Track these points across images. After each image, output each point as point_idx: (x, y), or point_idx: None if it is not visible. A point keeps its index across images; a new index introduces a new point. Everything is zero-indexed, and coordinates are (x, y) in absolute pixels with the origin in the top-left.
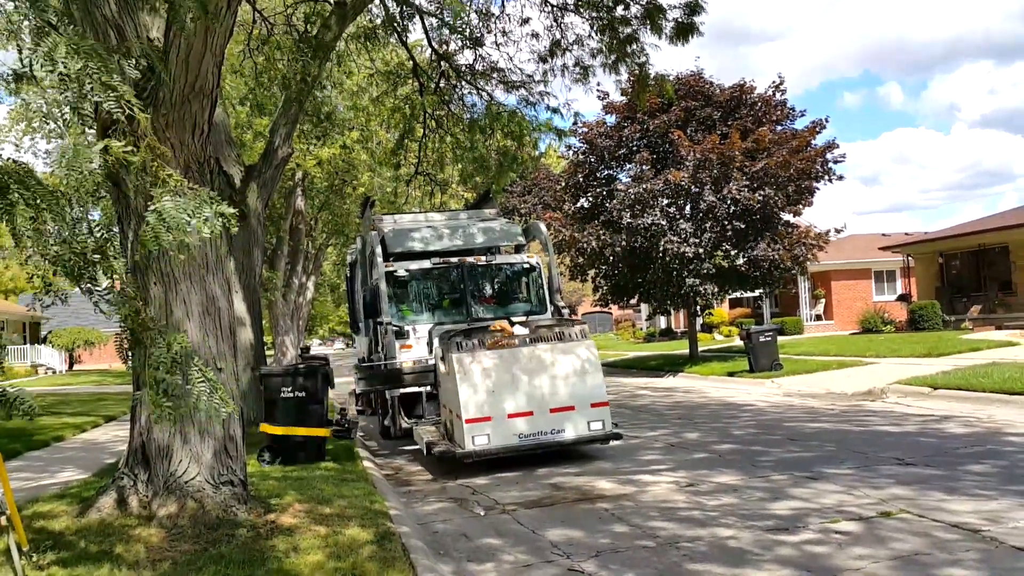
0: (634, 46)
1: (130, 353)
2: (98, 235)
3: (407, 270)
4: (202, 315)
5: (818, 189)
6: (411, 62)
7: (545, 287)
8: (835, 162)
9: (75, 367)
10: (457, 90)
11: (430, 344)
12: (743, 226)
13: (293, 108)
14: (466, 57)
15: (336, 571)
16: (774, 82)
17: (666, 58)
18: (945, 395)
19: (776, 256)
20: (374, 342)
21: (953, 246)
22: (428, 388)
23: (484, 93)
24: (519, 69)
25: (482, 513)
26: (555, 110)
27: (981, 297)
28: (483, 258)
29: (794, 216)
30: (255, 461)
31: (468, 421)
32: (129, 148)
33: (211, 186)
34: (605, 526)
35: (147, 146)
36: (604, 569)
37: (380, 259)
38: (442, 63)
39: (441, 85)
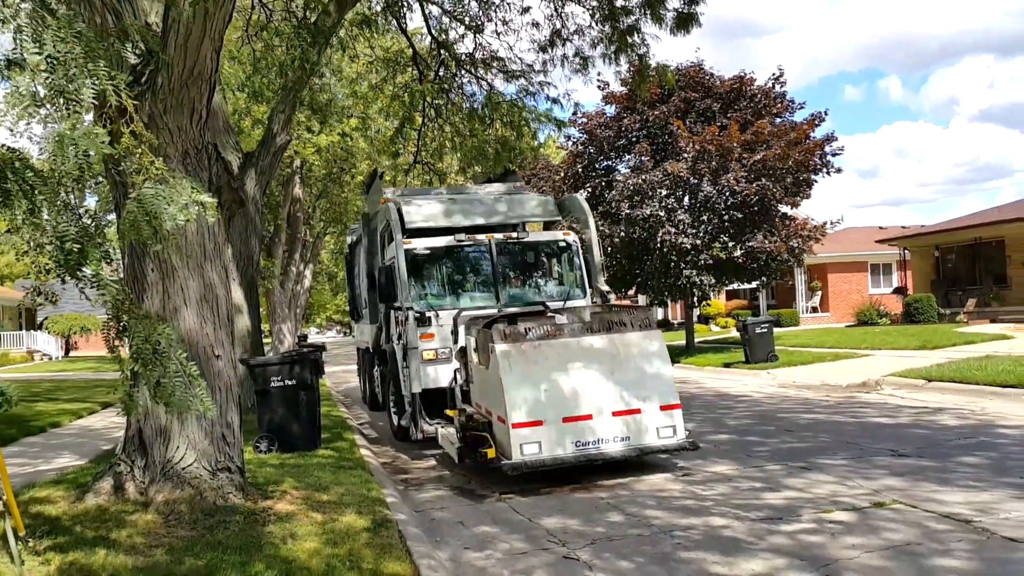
0: (635, 36)
1: (117, 343)
2: (89, 221)
3: (428, 247)
4: (200, 302)
5: (816, 182)
6: (411, 50)
7: (584, 268)
8: (833, 155)
9: (71, 353)
10: (457, 79)
11: (455, 332)
12: (740, 217)
13: (291, 95)
14: (466, 46)
15: (333, 557)
16: (774, 75)
17: (667, 49)
18: (939, 387)
19: (773, 248)
20: (385, 329)
21: (949, 240)
22: (459, 384)
23: (484, 82)
24: (519, 58)
25: (479, 501)
26: (555, 100)
27: (976, 291)
28: (514, 234)
29: (791, 208)
30: (251, 448)
31: (516, 426)
32: (109, 139)
33: (209, 172)
34: (601, 515)
35: (131, 132)
36: (599, 557)
37: (399, 233)
38: (442, 51)
39: (440, 73)
